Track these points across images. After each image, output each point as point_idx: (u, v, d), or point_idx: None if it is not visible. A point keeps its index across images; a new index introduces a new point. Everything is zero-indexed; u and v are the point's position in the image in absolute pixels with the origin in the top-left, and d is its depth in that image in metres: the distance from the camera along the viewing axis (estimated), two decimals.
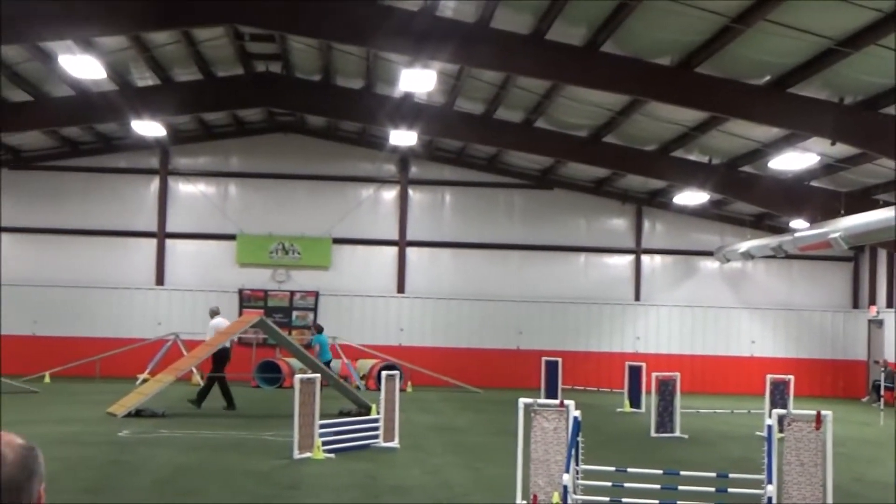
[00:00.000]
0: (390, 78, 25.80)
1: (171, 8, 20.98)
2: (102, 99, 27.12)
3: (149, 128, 29.48)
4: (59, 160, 34.92)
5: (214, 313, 25.96)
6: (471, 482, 14.42)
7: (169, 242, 35.28)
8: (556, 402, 12.58)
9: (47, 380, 30.93)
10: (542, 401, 12.91)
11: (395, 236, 35.68)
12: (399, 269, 35.60)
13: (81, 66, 22.32)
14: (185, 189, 35.59)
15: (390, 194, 35.97)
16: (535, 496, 11.82)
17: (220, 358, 24.48)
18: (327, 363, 27.81)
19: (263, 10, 20.85)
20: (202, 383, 30.00)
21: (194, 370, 29.01)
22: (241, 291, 35.13)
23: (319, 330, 28.50)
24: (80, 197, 35.03)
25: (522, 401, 12.25)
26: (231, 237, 35.23)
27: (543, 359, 29.64)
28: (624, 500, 11.68)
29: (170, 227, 35.26)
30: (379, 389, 19.11)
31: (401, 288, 35.57)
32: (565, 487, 11.17)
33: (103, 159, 35.13)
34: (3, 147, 33.17)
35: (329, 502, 12.80)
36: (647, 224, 36.62)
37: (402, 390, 19.39)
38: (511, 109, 27.13)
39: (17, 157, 34.47)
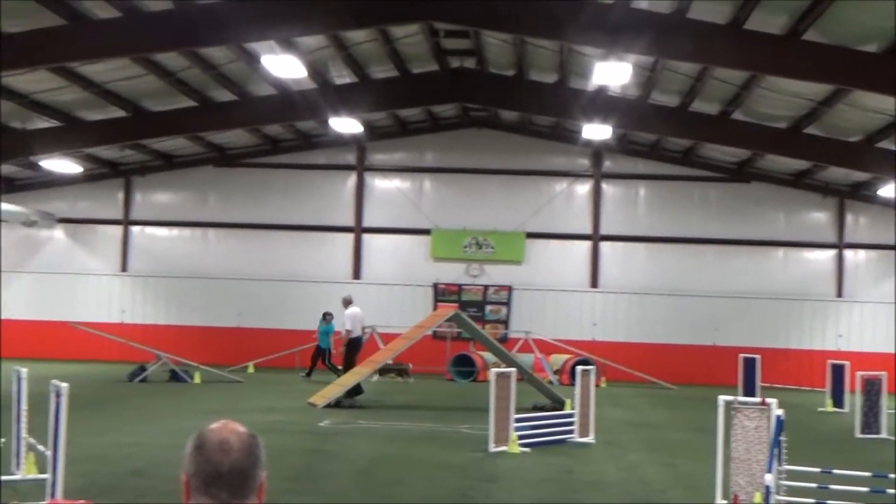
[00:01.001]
0: (584, 71, 25.67)
1: (369, 6, 21.42)
2: (302, 97, 27.85)
3: (346, 125, 30.16)
4: (261, 157, 36.08)
5: (348, 302, 26.31)
6: (668, 479, 14.21)
7: (365, 237, 36.00)
8: (758, 399, 12.28)
9: (251, 370, 32.00)
10: (743, 398, 12.62)
11: (588, 230, 35.46)
12: (592, 264, 35.39)
13: (283, 65, 23.01)
14: (380, 184, 36.25)
15: (584, 188, 35.78)
16: (735, 496, 11.57)
17: (353, 346, 25.16)
18: (321, 349, 29.52)
19: (459, 7, 21.06)
20: (398, 378, 30.62)
21: (390, 363, 29.50)
22: (435, 285, 35.55)
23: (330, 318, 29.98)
24: (281, 193, 36.09)
25: (722, 398, 12.01)
26: (426, 232, 35.68)
27: (741, 356, 28.97)
28: (829, 502, 11.31)
29: (366, 223, 35.98)
30: (572, 384, 19.04)
31: (594, 283, 35.36)
32: (768, 488, 10.90)
33: (303, 156, 36.11)
34: (210, 145, 34.46)
35: (526, 496, 12.82)
36: (849, 218, 35.33)
37: (595, 385, 19.26)
38: (707, 101, 26.62)
39: (223, 154, 35.78)
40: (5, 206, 33.62)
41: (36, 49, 21.01)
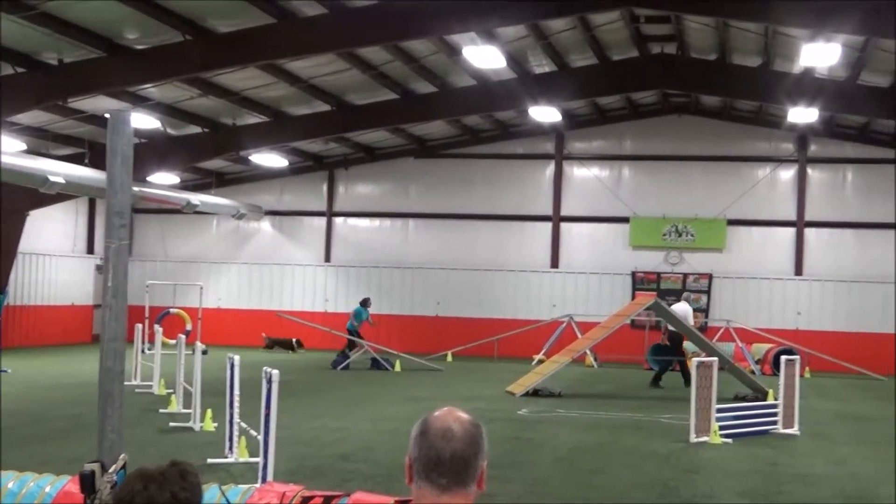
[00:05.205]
0: (790, 53, 24.98)
1: None
2: (502, 87, 27.99)
3: (545, 114, 30.16)
4: (461, 148, 36.43)
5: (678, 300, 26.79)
6: (881, 475, 13.72)
7: (564, 226, 35.93)
8: None
9: (449, 358, 32.42)
10: None
11: (792, 217, 34.41)
12: (797, 251, 34.35)
13: (484, 56, 23.18)
14: (579, 173, 36.11)
15: (788, 174, 34.73)
16: None
17: (676, 341, 25.82)
18: (350, 331, 29.75)
19: None
20: (595, 365, 30.60)
21: (588, 352, 29.49)
22: (633, 274, 35.25)
23: (364, 304, 30.53)
24: (480, 183, 36.36)
25: None
26: (624, 220, 35.37)
27: None
28: None
29: (564, 211, 35.89)
30: (775, 374, 18.62)
31: (798, 270, 34.33)
32: None
33: (502, 146, 36.26)
34: (411, 137, 35.02)
35: (730, 487, 12.63)
36: None
37: (799, 376, 18.76)
38: None
39: (423, 146, 36.31)
40: (217, 200, 35.01)
41: (247, 47, 21.79)
